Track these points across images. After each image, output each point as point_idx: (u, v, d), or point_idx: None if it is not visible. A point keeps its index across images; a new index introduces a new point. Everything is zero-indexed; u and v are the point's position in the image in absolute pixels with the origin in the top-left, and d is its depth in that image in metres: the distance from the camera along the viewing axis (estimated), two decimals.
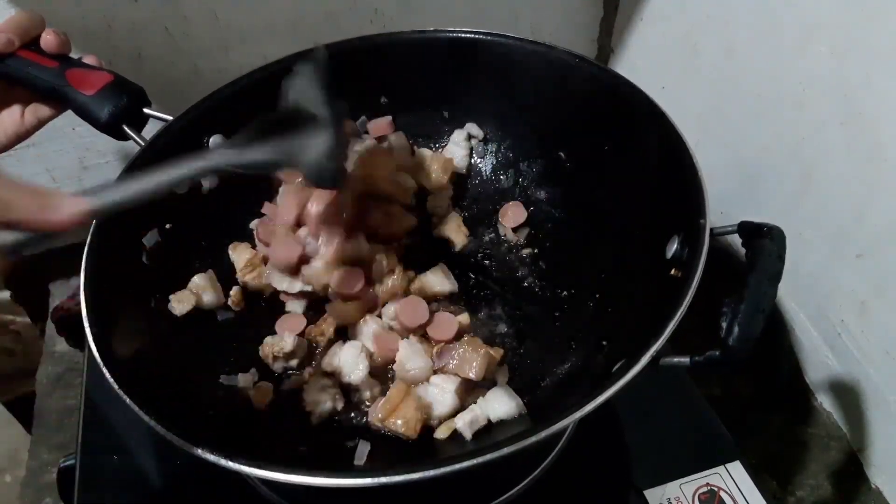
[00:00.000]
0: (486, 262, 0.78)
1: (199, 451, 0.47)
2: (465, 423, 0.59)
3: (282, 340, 0.67)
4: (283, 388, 0.66)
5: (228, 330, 0.70)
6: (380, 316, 0.70)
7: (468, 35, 0.76)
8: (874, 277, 0.74)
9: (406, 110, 0.82)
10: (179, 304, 0.67)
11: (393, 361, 0.66)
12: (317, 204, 0.69)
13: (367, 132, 0.82)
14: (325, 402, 0.63)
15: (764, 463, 0.85)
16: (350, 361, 0.65)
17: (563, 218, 0.78)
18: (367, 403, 0.65)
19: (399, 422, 0.59)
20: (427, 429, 0.61)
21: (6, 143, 0.70)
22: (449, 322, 0.68)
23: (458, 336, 0.68)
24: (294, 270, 0.71)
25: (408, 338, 0.67)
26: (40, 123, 0.70)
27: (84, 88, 0.67)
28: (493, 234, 0.80)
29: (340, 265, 0.69)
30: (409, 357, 0.65)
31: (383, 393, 0.64)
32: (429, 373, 0.64)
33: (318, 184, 0.60)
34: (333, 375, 0.66)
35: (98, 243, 0.61)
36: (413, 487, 0.45)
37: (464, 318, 0.69)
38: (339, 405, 0.64)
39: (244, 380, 0.65)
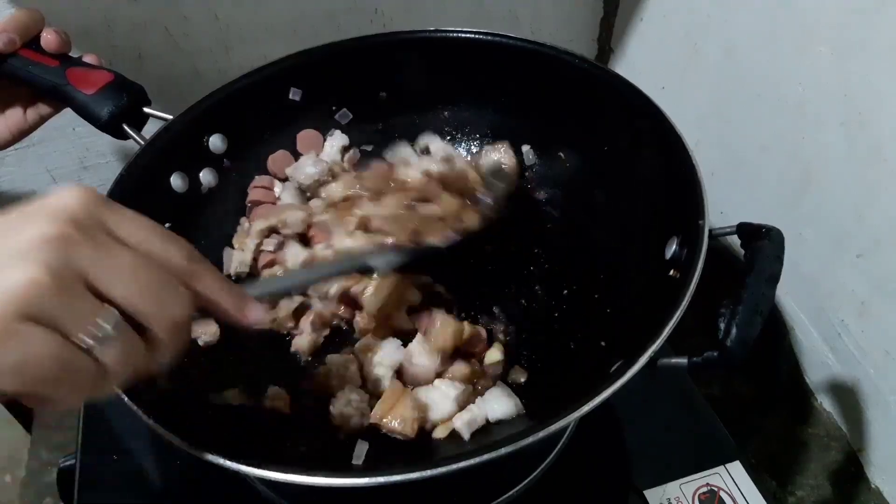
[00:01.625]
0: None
1: (199, 452, 0.47)
2: (463, 422, 0.59)
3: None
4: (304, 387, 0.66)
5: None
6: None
7: (468, 35, 0.76)
8: (874, 277, 0.74)
9: (406, 111, 0.82)
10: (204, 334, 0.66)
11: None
12: None
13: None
14: (354, 417, 0.61)
15: (764, 463, 0.85)
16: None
17: (562, 218, 0.78)
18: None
19: (396, 422, 0.59)
20: (425, 429, 0.61)
21: (10, 140, 0.70)
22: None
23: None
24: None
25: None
26: (42, 119, 0.71)
27: (84, 87, 0.67)
28: None
29: None
30: (418, 353, 0.64)
31: None
32: (432, 375, 0.64)
33: None
34: (364, 387, 0.64)
35: None
36: (412, 487, 0.45)
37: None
38: (366, 421, 0.62)
39: (232, 396, 0.63)
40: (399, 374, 0.65)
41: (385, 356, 0.65)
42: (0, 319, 0.30)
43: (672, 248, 0.59)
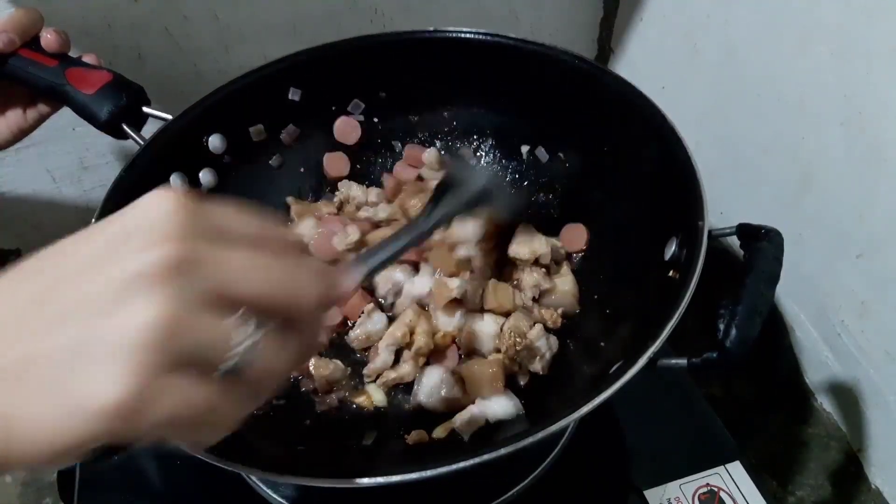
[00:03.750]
0: None
1: (199, 451, 0.47)
2: (463, 423, 0.59)
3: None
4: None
5: None
6: None
7: (468, 35, 0.76)
8: (874, 277, 0.74)
9: (406, 111, 0.82)
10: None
11: None
12: None
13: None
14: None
15: (764, 463, 0.85)
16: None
17: (561, 218, 0.78)
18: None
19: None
20: (427, 428, 0.61)
21: (11, 139, 0.70)
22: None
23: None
24: None
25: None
26: (43, 118, 0.71)
27: (84, 87, 0.67)
28: None
29: None
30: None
31: None
32: None
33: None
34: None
35: None
36: (412, 487, 0.45)
37: None
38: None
39: None
40: None
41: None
42: (140, 377, 0.26)
43: (671, 249, 0.59)
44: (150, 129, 0.70)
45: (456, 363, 0.66)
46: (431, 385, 0.64)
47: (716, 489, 0.70)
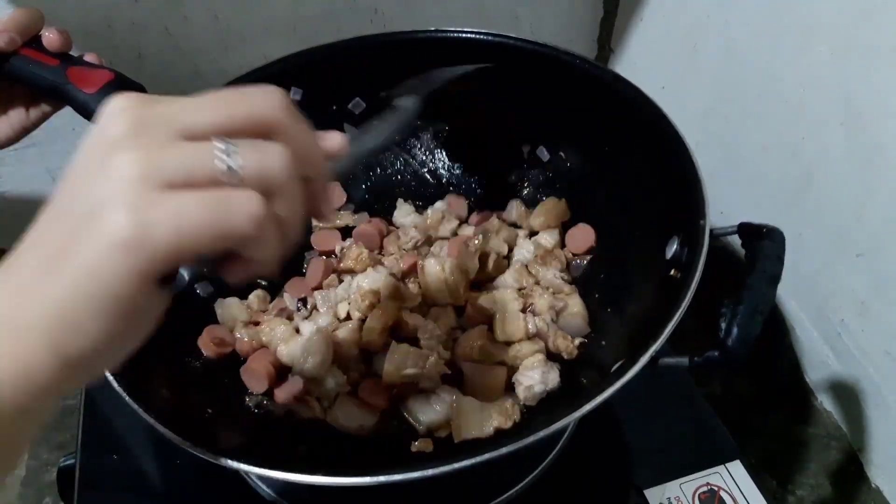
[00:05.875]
0: None
1: (199, 451, 0.47)
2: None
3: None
4: None
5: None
6: None
7: (468, 35, 0.76)
8: (874, 277, 0.74)
9: None
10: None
11: None
12: None
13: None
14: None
15: (764, 463, 0.85)
16: None
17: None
18: None
19: None
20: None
21: (13, 138, 0.70)
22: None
23: None
24: None
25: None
26: (44, 117, 0.71)
27: (85, 86, 0.67)
28: None
29: None
30: None
31: None
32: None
33: None
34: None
35: None
36: (413, 487, 0.45)
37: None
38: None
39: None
40: None
41: None
42: (130, 203, 0.29)
43: (673, 248, 0.59)
44: None
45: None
46: (426, 405, 0.62)
47: (716, 488, 0.70)
